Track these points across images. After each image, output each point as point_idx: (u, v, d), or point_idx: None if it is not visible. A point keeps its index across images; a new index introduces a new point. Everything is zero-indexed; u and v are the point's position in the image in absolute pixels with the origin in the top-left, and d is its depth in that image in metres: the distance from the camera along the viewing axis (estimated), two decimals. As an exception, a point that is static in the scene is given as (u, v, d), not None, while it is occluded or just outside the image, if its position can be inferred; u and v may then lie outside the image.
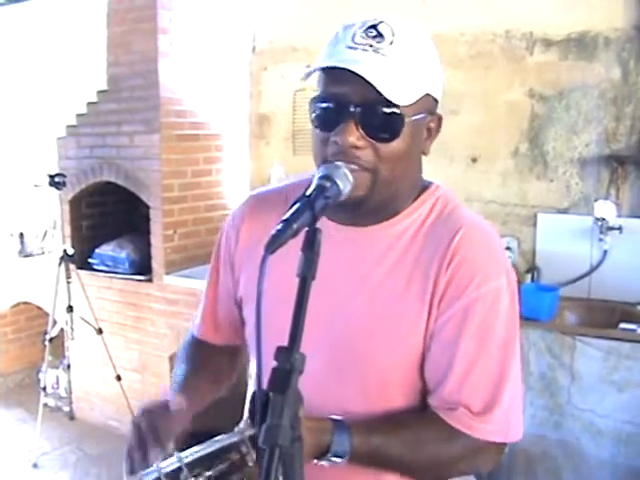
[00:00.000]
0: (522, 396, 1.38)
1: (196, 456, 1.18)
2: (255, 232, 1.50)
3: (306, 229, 1.09)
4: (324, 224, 1.33)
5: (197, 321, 1.70)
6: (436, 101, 1.35)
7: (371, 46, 1.24)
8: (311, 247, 1.07)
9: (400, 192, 1.37)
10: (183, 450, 1.22)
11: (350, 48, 1.25)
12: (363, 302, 1.36)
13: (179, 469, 1.17)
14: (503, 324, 1.32)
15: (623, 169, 3.58)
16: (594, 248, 3.63)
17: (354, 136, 1.25)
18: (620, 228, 3.50)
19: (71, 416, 5.22)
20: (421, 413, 1.36)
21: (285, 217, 1.08)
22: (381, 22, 1.27)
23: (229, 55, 5.03)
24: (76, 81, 5.73)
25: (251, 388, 1.61)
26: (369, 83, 1.20)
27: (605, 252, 3.57)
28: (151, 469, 1.20)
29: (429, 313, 1.32)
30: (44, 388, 4.79)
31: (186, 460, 1.18)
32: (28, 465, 4.53)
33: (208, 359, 1.65)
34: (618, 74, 3.57)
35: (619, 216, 3.52)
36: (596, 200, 3.58)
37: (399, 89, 1.23)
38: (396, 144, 1.27)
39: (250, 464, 1.16)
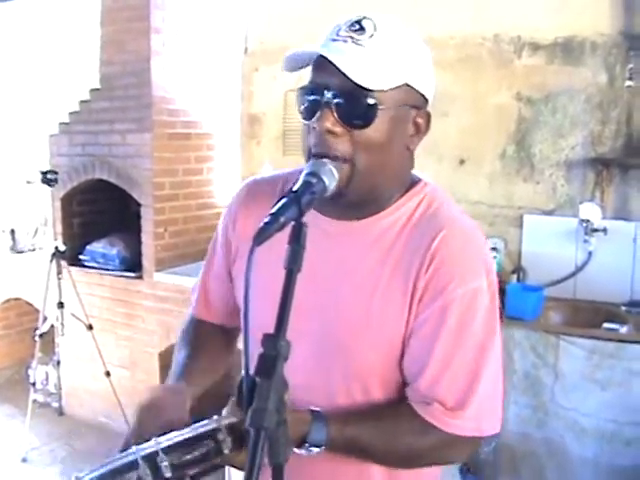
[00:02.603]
0: (501, 393, 1.41)
1: (173, 441, 1.21)
2: (250, 217, 1.53)
3: (292, 223, 1.13)
4: (315, 217, 1.37)
5: (193, 301, 1.75)
6: (424, 98, 1.38)
7: (351, 38, 1.29)
8: (297, 240, 1.11)
9: (381, 185, 1.39)
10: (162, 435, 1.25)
11: (333, 40, 1.31)
12: (348, 295, 1.39)
13: (155, 453, 1.20)
14: (480, 324, 1.35)
15: (608, 172, 3.63)
16: (579, 249, 3.68)
17: (329, 122, 1.29)
18: (605, 230, 3.55)
19: (60, 412, 5.23)
20: (397, 405, 1.40)
21: (272, 211, 1.13)
22: (365, 18, 1.32)
23: (221, 55, 5.06)
24: (69, 79, 5.75)
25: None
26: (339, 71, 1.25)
27: (590, 253, 3.62)
28: (129, 451, 1.23)
29: (409, 310, 1.36)
30: (34, 384, 4.79)
31: (162, 445, 1.21)
32: (17, 460, 4.54)
33: (205, 339, 1.68)
34: (604, 79, 3.63)
35: (604, 218, 3.56)
36: (581, 202, 3.63)
37: (371, 75, 1.27)
38: (372, 132, 1.31)
39: (226, 451, 1.19)
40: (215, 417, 1.23)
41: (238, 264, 1.57)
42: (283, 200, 1.15)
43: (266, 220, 1.11)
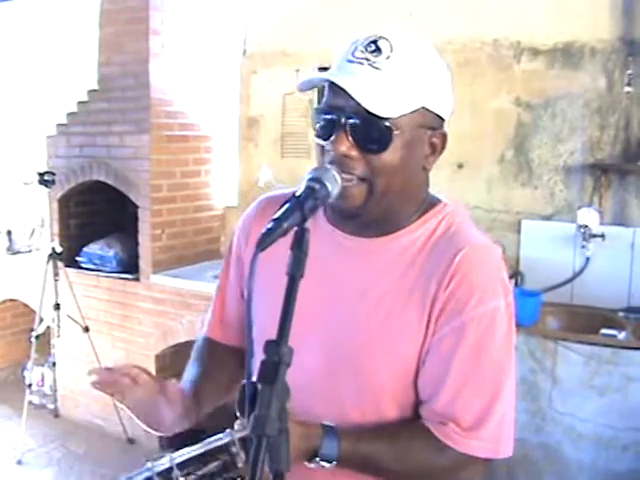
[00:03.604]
0: (514, 414, 1.39)
1: (187, 456, 1.22)
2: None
3: (295, 229, 1.13)
4: (332, 231, 1.41)
5: (207, 321, 1.72)
6: (440, 118, 1.38)
7: (367, 60, 1.28)
8: (299, 246, 1.11)
9: (397, 205, 1.39)
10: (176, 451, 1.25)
11: (349, 62, 1.30)
12: (364, 313, 1.38)
13: (170, 469, 1.20)
14: (498, 345, 1.34)
15: (606, 177, 3.64)
16: (577, 255, 3.68)
17: (345, 146, 1.29)
18: (603, 235, 3.56)
19: (56, 414, 5.22)
20: (412, 423, 1.38)
21: (275, 216, 1.12)
22: (381, 37, 1.30)
23: (220, 58, 5.06)
24: (67, 80, 5.74)
25: None
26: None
27: (588, 259, 3.62)
28: (143, 468, 1.23)
29: (426, 328, 1.34)
30: (29, 385, 4.79)
31: (177, 460, 1.21)
32: (12, 462, 4.53)
33: (218, 359, 1.66)
34: (603, 84, 3.63)
35: (602, 224, 3.57)
36: (579, 208, 3.63)
37: (386, 102, 1.27)
38: (387, 156, 1.30)
39: (239, 465, 1.20)
40: (228, 430, 1.23)
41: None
42: (286, 206, 1.15)
43: (269, 226, 1.11)
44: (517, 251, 3.87)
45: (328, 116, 1.32)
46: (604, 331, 3.33)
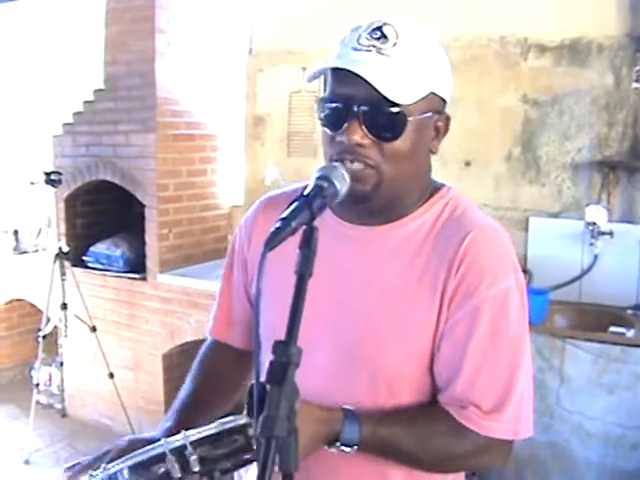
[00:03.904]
0: (532, 393, 1.39)
1: (201, 435, 1.21)
2: (266, 233, 1.53)
3: (304, 227, 1.12)
4: (336, 222, 1.39)
5: (211, 324, 1.70)
6: (444, 101, 1.38)
7: (375, 47, 1.28)
8: (308, 245, 1.10)
9: (407, 191, 1.39)
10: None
11: (355, 50, 1.29)
12: (372, 300, 1.38)
13: (184, 446, 1.19)
14: (513, 324, 1.34)
15: (614, 174, 3.62)
16: (585, 252, 3.66)
17: (358, 135, 1.28)
18: (611, 233, 3.54)
19: (63, 413, 5.23)
20: (431, 408, 1.38)
21: (283, 215, 1.11)
22: (385, 24, 1.30)
23: (226, 56, 5.06)
24: (73, 79, 5.75)
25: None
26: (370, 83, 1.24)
27: (596, 256, 3.61)
28: (158, 444, 1.22)
29: (439, 313, 1.34)
30: (37, 385, 4.80)
31: (192, 438, 1.20)
32: (20, 462, 4.54)
33: (222, 368, 1.66)
34: (611, 81, 3.61)
35: (610, 221, 3.55)
36: (587, 205, 3.62)
37: (400, 88, 1.26)
38: (400, 143, 1.30)
39: (255, 447, 1.18)
40: (245, 412, 1.22)
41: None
42: (294, 204, 1.14)
43: (278, 225, 1.10)
44: (525, 249, 3.85)
45: (338, 105, 1.31)
46: (613, 329, 3.31)
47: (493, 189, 3.94)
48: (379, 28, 1.29)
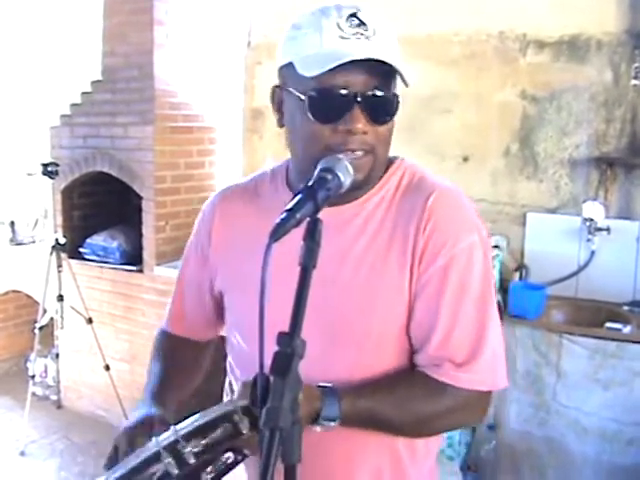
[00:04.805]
0: (503, 345, 1.43)
1: (191, 427, 1.21)
2: (229, 226, 1.56)
3: (308, 219, 1.12)
4: None
5: (167, 315, 1.75)
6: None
7: (362, 34, 1.30)
8: (312, 237, 1.10)
9: (381, 170, 1.44)
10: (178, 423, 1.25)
11: (344, 39, 1.30)
12: (348, 277, 1.40)
13: (176, 441, 1.20)
14: (479, 278, 1.39)
15: (612, 171, 3.63)
16: (582, 248, 3.67)
17: (361, 122, 1.30)
18: (608, 229, 3.55)
19: (59, 405, 5.23)
20: (409, 373, 1.42)
21: (288, 207, 1.11)
22: (358, 10, 1.32)
23: (224, 48, 5.05)
24: (71, 70, 5.73)
25: (229, 378, 1.63)
26: (367, 70, 1.28)
27: (593, 252, 3.62)
28: (151, 443, 1.23)
29: (411, 275, 1.38)
30: (32, 377, 4.79)
31: (181, 432, 1.21)
32: (15, 453, 4.54)
33: (179, 357, 1.68)
34: (609, 77, 3.62)
35: (607, 217, 3.56)
36: (585, 201, 3.62)
37: (403, 68, 1.30)
38: (390, 125, 1.36)
39: (244, 431, 1.19)
40: (228, 399, 1.23)
41: (223, 273, 1.57)
42: (299, 196, 1.14)
43: (282, 216, 1.10)
44: (522, 244, 3.86)
45: (335, 95, 1.30)
46: (609, 325, 3.33)
47: (491, 184, 3.94)
48: (354, 15, 1.31)
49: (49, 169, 4.60)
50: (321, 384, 1.30)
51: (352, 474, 1.45)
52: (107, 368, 4.64)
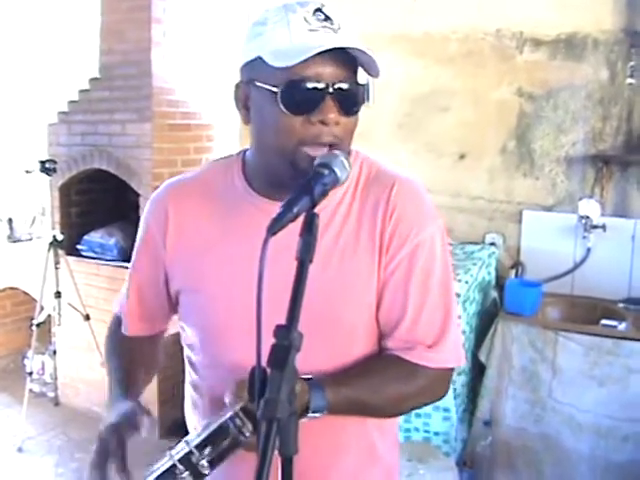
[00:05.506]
0: (460, 325, 1.49)
1: (200, 438, 1.23)
2: (182, 222, 1.52)
3: (304, 213, 1.13)
4: (262, 203, 1.43)
5: (124, 314, 1.71)
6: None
7: (330, 28, 1.32)
8: (309, 231, 1.11)
9: None
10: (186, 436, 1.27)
11: (313, 31, 1.31)
12: (317, 270, 1.31)
13: (190, 452, 1.22)
14: (441, 263, 1.45)
15: (608, 169, 3.65)
16: (578, 246, 3.69)
17: (334, 113, 1.31)
18: (604, 226, 3.57)
19: (56, 402, 5.22)
20: (382, 357, 1.47)
21: (285, 201, 1.13)
22: (321, 4, 1.34)
23: (222, 46, 5.05)
24: (68, 68, 5.73)
25: (187, 374, 1.63)
26: (336, 62, 1.29)
27: (588, 250, 3.64)
28: (165, 458, 1.24)
29: (379, 264, 1.43)
30: (30, 373, 4.79)
31: (193, 443, 1.22)
32: (13, 449, 4.53)
33: (139, 353, 1.67)
34: (606, 75, 3.64)
35: (603, 215, 3.58)
36: (581, 199, 3.64)
37: (376, 60, 1.32)
38: (357, 116, 1.38)
39: (247, 434, 1.21)
40: (226, 401, 1.25)
41: (180, 272, 1.54)
42: (296, 191, 1.15)
43: (280, 211, 1.11)
44: (518, 241, 3.88)
45: (315, 85, 1.30)
46: (604, 322, 3.35)
47: (487, 182, 3.96)
48: (319, 10, 1.33)
49: (47, 166, 4.59)
50: (302, 376, 1.29)
51: (335, 456, 1.49)
52: (104, 365, 4.63)
